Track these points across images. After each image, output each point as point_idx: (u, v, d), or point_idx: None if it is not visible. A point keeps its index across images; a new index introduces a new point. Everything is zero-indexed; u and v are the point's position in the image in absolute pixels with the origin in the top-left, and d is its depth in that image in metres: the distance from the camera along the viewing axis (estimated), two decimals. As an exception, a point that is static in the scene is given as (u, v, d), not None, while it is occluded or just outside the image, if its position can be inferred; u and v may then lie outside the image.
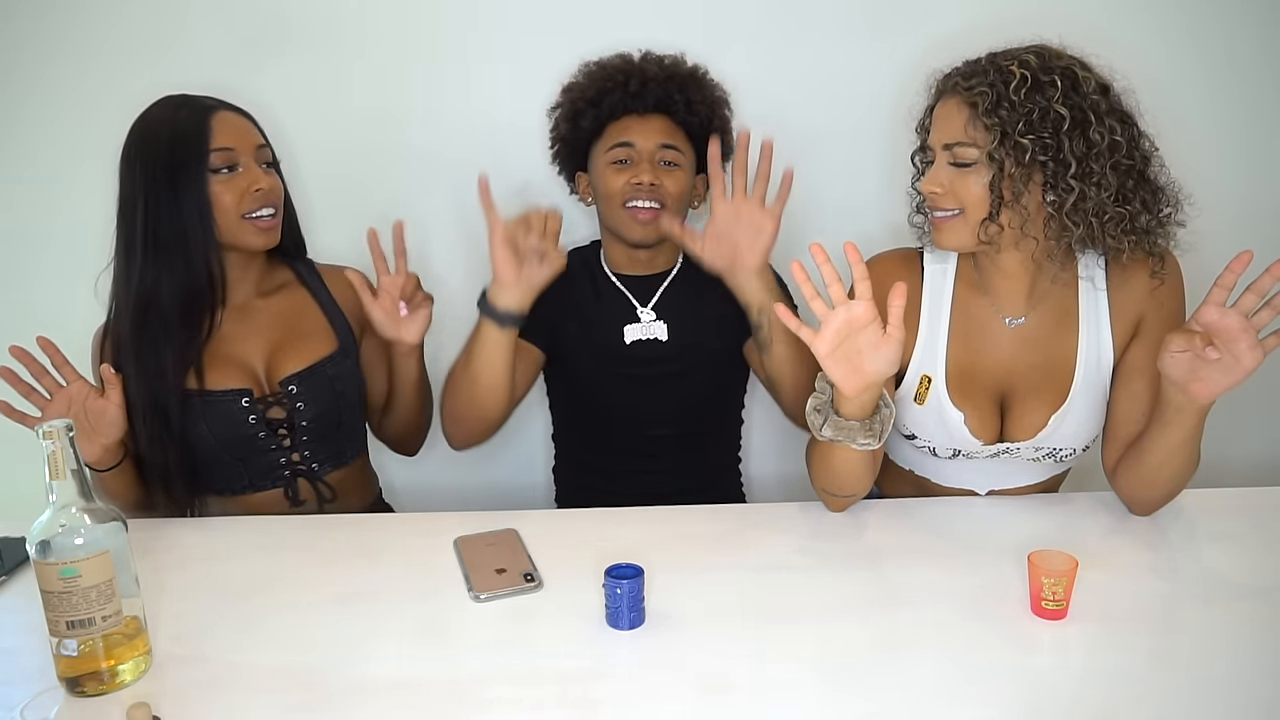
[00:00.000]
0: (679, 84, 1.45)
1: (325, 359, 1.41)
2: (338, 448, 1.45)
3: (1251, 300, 1.04)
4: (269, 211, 1.33)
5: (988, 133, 1.14)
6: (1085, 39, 1.20)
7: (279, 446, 1.39)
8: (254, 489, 1.40)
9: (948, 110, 1.19)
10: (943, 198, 1.20)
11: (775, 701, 0.90)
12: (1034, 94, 1.12)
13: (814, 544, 1.21)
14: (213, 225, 1.29)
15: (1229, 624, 1.00)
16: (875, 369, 1.10)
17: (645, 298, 1.51)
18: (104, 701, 0.92)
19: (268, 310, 1.41)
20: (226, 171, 1.29)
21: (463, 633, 1.03)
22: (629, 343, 1.49)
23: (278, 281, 1.44)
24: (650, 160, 1.43)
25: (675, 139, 1.45)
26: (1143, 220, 1.16)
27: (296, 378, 1.38)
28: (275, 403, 1.37)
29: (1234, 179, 1.76)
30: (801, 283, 1.11)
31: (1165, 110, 1.23)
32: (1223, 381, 1.07)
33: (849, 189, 1.76)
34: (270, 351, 1.39)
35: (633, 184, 1.42)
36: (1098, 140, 1.12)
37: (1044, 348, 1.28)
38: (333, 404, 1.41)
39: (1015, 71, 1.13)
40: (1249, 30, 1.71)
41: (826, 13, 1.69)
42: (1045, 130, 1.12)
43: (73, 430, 0.91)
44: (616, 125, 1.45)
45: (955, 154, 1.18)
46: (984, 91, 1.14)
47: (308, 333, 1.42)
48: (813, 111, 1.72)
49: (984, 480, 1.36)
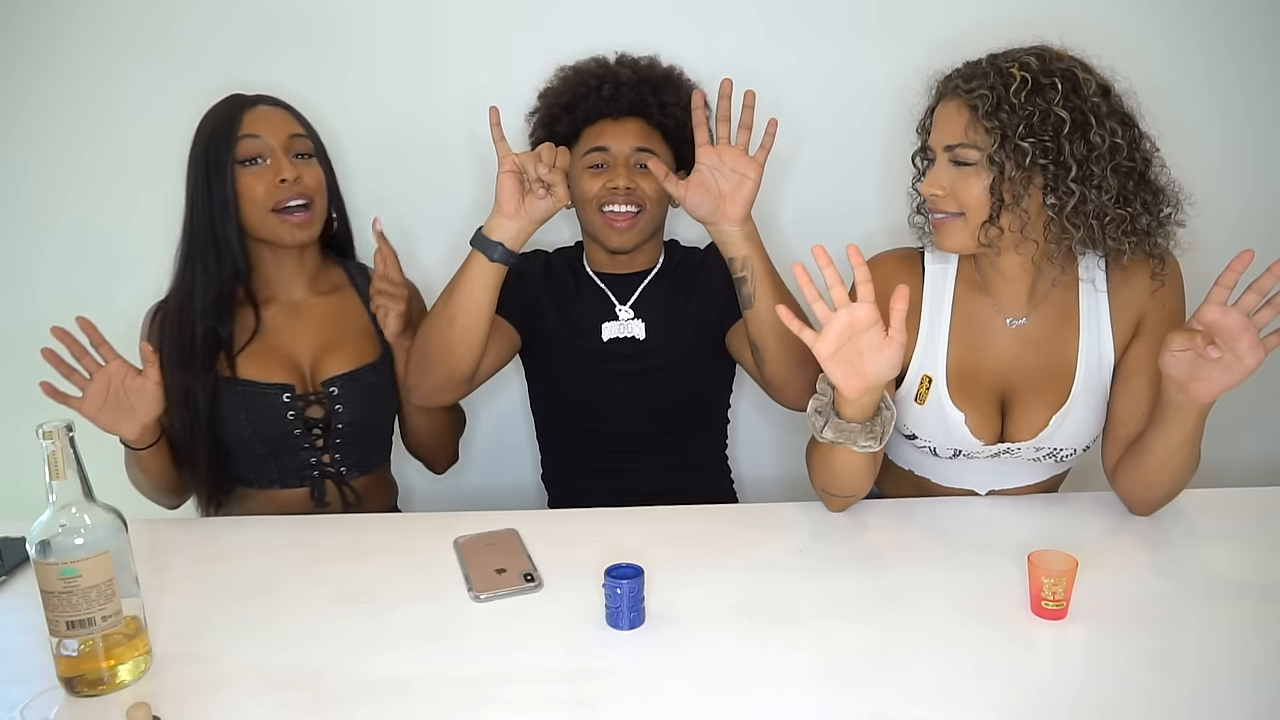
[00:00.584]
0: (652, 86, 1.45)
1: (368, 365, 1.43)
2: (367, 454, 1.47)
3: (1253, 299, 1.04)
4: (300, 203, 1.33)
5: (988, 135, 1.14)
6: (1087, 39, 1.20)
7: (311, 446, 1.40)
8: (282, 485, 1.41)
9: (948, 112, 1.19)
10: (943, 200, 1.20)
11: (775, 701, 0.90)
12: (1034, 96, 1.12)
13: (814, 544, 1.21)
14: (239, 216, 1.31)
15: (1229, 624, 1.00)
16: (877, 371, 1.10)
17: (625, 296, 1.52)
18: (104, 701, 0.92)
19: (320, 309, 1.43)
20: (255, 163, 1.30)
21: (463, 633, 1.02)
22: (606, 340, 1.50)
23: (332, 282, 1.46)
24: (625, 164, 1.44)
25: (650, 141, 1.45)
26: (1143, 222, 1.16)
27: (339, 380, 1.40)
28: (315, 401, 1.39)
29: (1235, 179, 1.75)
30: (804, 285, 1.11)
31: (1166, 111, 1.23)
32: (1224, 380, 1.07)
33: (849, 190, 1.76)
34: (317, 350, 1.41)
35: (608, 188, 1.43)
36: (1098, 143, 1.12)
37: (1045, 348, 1.28)
38: (369, 411, 1.43)
39: (1016, 74, 1.13)
40: (1251, 31, 1.71)
41: (828, 13, 1.69)
42: (1046, 133, 1.12)
43: (73, 430, 0.91)
44: (592, 130, 1.45)
45: (956, 155, 1.18)
46: (984, 94, 1.13)
47: (354, 337, 1.44)
48: (814, 112, 1.72)
49: (984, 480, 1.36)
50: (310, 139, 1.37)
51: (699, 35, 1.58)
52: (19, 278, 1.81)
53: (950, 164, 1.19)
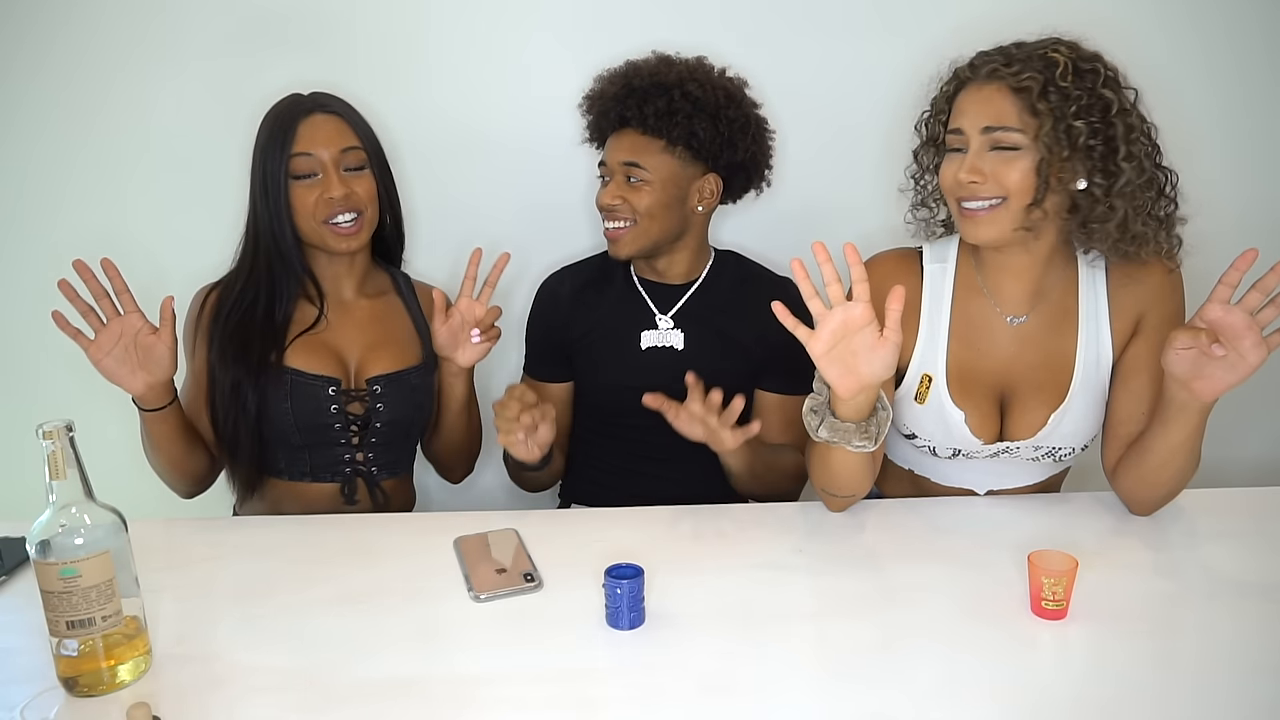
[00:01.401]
0: (639, 97, 1.42)
1: (411, 368, 1.45)
2: (397, 457, 1.48)
3: (1256, 298, 1.04)
4: (349, 218, 1.36)
5: (1035, 118, 1.14)
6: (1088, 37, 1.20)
7: (347, 442, 1.42)
8: (313, 478, 1.42)
9: (987, 95, 1.17)
10: (983, 186, 1.17)
11: (775, 701, 0.90)
12: (1079, 80, 1.14)
13: (814, 544, 1.21)
14: (292, 226, 1.36)
15: (1230, 624, 1.00)
16: (870, 371, 1.10)
17: (666, 306, 1.52)
18: (104, 701, 0.92)
19: (368, 310, 1.46)
20: (307, 178, 1.33)
21: (463, 633, 1.03)
22: (644, 349, 1.50)
23: (379, 286, 1.49)
24: (618, 177, 1.45)
25: (640, 153, 1.42)
26: (1160, 206, 1.18)
27: (383, 379, 1.42)
28: (358, 398, 1.41)
29: (1237, 180, 1.76)
30: (800, 281, 1.10)
31: (1169, 111, 1.23)
32: (1226, 379, 1.07)
33: (849, 189, 1.76)
34: (364, 348, 1.43)
35: (600, 203, 1.46)
36: (1136, 124, 1.16)
37: (1044, 346, 1.28)
38: (408, 413, 1.45)
39: (1060, 59, 1.14)
40: (1253, 31, 1.71)
41: (831, 11, 1.69)
42: (1093, 115, 1.14)
43: (73, 430, 0.91)
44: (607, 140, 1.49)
45: (998, 139, 1.16)
46: (1033, 76, 1.14)
47: (399, 339, 1.46)
48: (812, 110, 1.72)
49: (983, 480, 1.36)
50: (364, 149, 1.38)
51: (698, 35, 1.57)
52: (19, 278, 1.81)
53: (987, 150, 1.17)
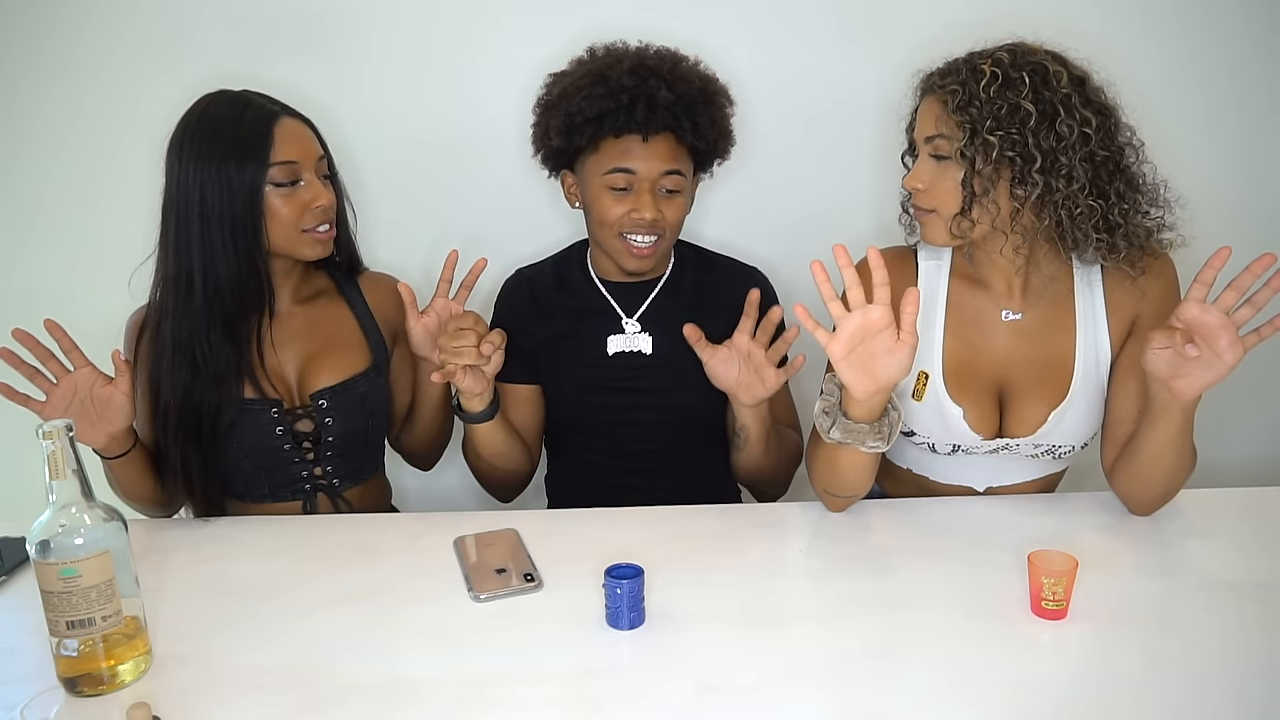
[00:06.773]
0: (687, 105, 1.35)
1: (359, 375, 1.39)
2: (359, 464, 1.43)
3: (1232, 297, 1.05)
4: (326, 226, 1.31)
5: (958, 129, 1.16)
6: (1080, 39, 1.21)
7: (302, 460, 1.36)
8: (273, 499, 1.38)
9: (928, 105, 1.22)
10: (920, 195, 1.23)
11: (775, 701, 0.90)
12: (1004, 91, 1.14)
13: (814, 544, 1.21)
14: (265, 236, 1.26)
15: (1229, 624, 1.00)
16: (888, 373, 1.10)
17: (632, 307, 1.47)
18: (104, 701, 0.92)
19: (304, 318, 1.38)
20: (288, 185, 1.26)
21: (463, 633, 1.02)
22: (611, 354, 1.46)
23: (315, 288, 1.41)
24: (652, 190, 1.35)
25: (678, 161, 1.37)
26: (1117, 213, 1.17)
27: (328, 392, 1.36)
28: (304, 415, 1.35)
29: (1226, 180, 1.75)
30: (821, 284, 1.10)
31: (1156, 110, 1.24)
32: (1204, 378, 1.08)
33: (841, 190, 1.77)
34: (304, 361, 1.37)
35: (634, 218, 1.35)
36: (1066, 133, 1.14)
37: (1041, 343, 1.28)
38: (361, 422, 1.39)
39: (986, 69, 1.16)
40: (1240, 32, 1.71)
41: (820, 13, 1.69)
42: (1013, 127, 1.14)
43: (73, 430, 0.91)
44: (617, 145, 1.35)
45: (934, 148, 1.20)
46: (955, 89, 1.17)
47: (343, 346, 1.39)
48: (805, 111, 1.73)
49: (982, 477, 1.36)
50: (329, 158, 1.33)
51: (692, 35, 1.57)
52: (19, 278, 1.81)
53: (930, 158, 1.21)
